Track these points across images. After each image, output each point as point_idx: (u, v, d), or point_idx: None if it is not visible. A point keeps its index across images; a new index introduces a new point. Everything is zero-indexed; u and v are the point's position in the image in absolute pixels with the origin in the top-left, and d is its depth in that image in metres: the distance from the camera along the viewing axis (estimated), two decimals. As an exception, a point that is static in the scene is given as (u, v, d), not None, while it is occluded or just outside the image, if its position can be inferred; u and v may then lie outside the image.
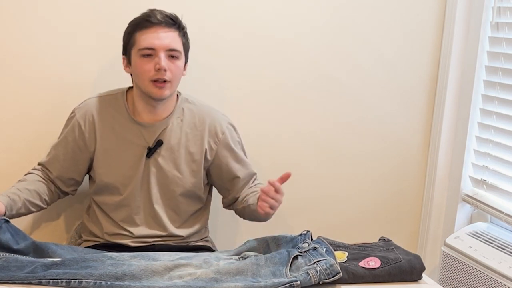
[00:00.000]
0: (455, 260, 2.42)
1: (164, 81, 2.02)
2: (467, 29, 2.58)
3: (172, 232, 2.15)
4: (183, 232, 2.17)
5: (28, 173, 2.17)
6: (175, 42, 2.04)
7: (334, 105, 2.59)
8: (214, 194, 2.30)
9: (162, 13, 2.05)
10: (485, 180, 2.56)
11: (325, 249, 1.76)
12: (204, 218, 2.25)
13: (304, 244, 1.80)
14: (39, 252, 1.79)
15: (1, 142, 2.32)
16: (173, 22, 2.05)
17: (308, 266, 1.69)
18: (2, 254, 1.72)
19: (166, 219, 2.14)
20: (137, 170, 2.11)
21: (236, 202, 2.25)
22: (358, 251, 1.84)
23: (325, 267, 1.67)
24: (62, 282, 1.62)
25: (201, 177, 2.18)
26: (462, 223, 2.65)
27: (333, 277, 1.67)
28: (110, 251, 1.92)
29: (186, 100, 2.17)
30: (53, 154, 2.17)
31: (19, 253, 1.75)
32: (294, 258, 1.74)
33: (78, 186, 2.23)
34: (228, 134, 2.19)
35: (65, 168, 2.15)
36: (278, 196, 1.97)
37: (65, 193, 2.21)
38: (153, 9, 2.07)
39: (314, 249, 1.76)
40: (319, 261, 1.70)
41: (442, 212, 2.72)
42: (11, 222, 1.83)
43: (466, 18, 2.57)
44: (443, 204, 2.71)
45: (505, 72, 2.47)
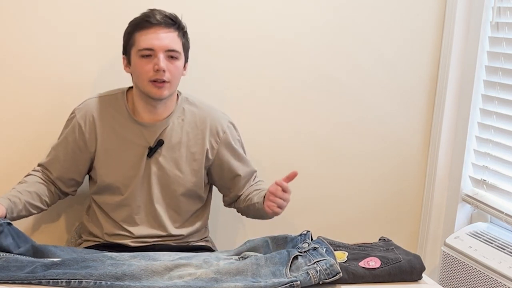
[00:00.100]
0: (455, 260, 2.42)
1: (163, 81, 2.02)
2: (467, 29, 2.58)
3: (172, 231, 2.15)
4: (184, 231, 2.17)
5: (28, 174, 2.16)
6: (174, 43, 2.04)
7: (334, 105, 2.59)
8: (214, 193, 2.30)
9: (161, 13, 2.05)
10: (485, 180, 2.56)
11: (325, 249, 1.76)
12: (204, 216, 2.25)
13: (304, 244, 1.80)
14: (39, 255, 1.79)
15: (1, 142, 2.32)
16: (172, 22, 2.05)
17: (308, 266, 1.69)
18: (2, 254, 1.72)
19: (166, 219, 2.14)
20: (138, 170, 2.11)
21: (238, 200, 2.26)
22: (358, 251, 1.84)
23: (325, 267, 1.67)
24: (62, 282, 1.62)
25: (202, 176, 2.18)
26: (462, 223, 2.65)
27: (333, 277, 1.67)
28: (110, 251, 1.92)
29: (186, 99, 2.17)
30: (53, 155, 2.16)
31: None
32: (294, 258, 1.74)
33: (79, 187, 2.22)
34: (229, 133, 2.19)
35: (65, 168, 2.15)
36: (286, 195, 1.98)
37: (65, 193, 2.21)
38: (153, 9, 2.07)
39: (314, 249, 1.76)
40: (319, 261, 1.70)
41: (442, 212, 2.72)
42: (13, 224, 1.82)
43: (466, 18, 2.57)
44: (443, 204, 2.71)
45: (505, 72, 2.47)
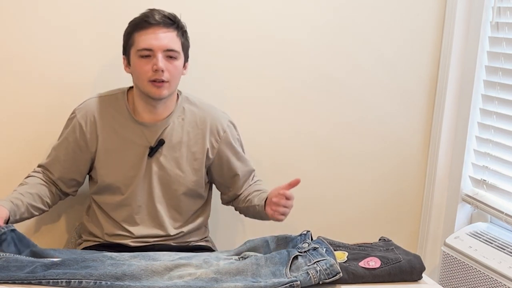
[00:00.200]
0: (455, 260, 2.42)
1: (162, 81, 2.02)
2: (467, 29, 2.58)
3: (173, 231, 2.15)
4: (185, 228, 2.17)
5: (28, 175, 2.15)
6: (173, 42, 2.04)
7: (334, 105, 2.59)
8: (214, 191, 2.30)
9: (160, 13, 2.05)
10: (485, 180, 2.56)
11: (325, 249, 1.76)
12: (205, 214, 2.25)
13: (304, 244, 1.80)
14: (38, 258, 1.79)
15: (1, 142, 2.31)
16: (171, 22, 2.04)
17: (308, 266, 1.69)
18: (2, 254, 1.71)
19: (167, 218, 2.14)
20: (139, 169, 2.11)
21: (237, 199, 2.26)
22: (358, 251, 1.84)
23: (325, 267, 1.67)
24: (62, 282, 1.62)
25: (202, 175, 2.18)
26: (462, 223, 2.65)
27: (333, 277, 1.67)
28: (110, 251, 1.92)
29: (186, 99, 2.17)
30: (54, 155, 2.16)
31: None
32: (294, 258, 1.74)
33: (79, 187, 2.22)
34: (229, 132, 2.20)
35: (66, 169, 2.15)
36: (290, 202, 1.99)
37: (66, 194, 2.21)
38: (152, 9, 2.07)
39: (314, 249, 1.76)
40: (319, 261, 1.70)
41: (442, 212, 2.72)
42: (17, 229, 1.81)
43: (466, 18, 2.57)
44: (443, 204, 2.71)
45: (505, 72, 2.47)
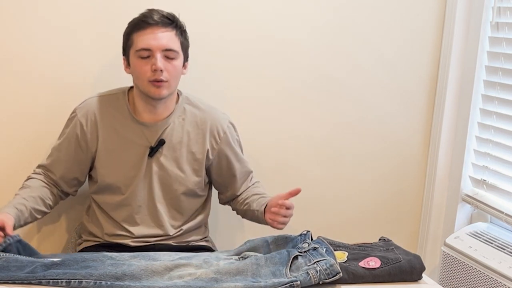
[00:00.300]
0: (455, 260, 2.42)
1: (161, 80, 2.02)
2: (467, 29, 2.58)
3: (173, 230, 2.15)
4: (184, 226, 2.17)
5: (29, 178, 2.15)
6: (172, 42, 2.04)
7: (334, 105, 2.59)
8: (214, 191, 2.30)
9: (159, 13, 2.05)
10: (485, 180, 2.56)
11: (325, 249, 1.76)
12: (205, 212, 2.25)
13: (304, 244, 1.80)
14: None
15: (1, 142, 2.31)
16: (169, 22, 2.04)
17: (308, 266, 1.69)
18: (2, 254, 1.72)
19: (168, 218, 2.14)
20: (139, 169, 2.11)
21: (235, 200, 2.26)
22: (358, 251, 1.84)
23: (325, 267, 1.67)
24: (62, 282, 1.62)
25: (202, 175, 2.18)
26: (462, 223, 2.65)
27: (333, 277, 1.67)
28: (110, 251, 1.92)
29: (187, 99, 2.17)
30: (55, 156, 2.16)
31: None
32: (294, 258, 1.74)
33: (80, 186, 2.22)
34: (228, 134, 2.20)
35: (67, 168, 2.15)
36: (290, 211, 1.99)
37: (67, 194, 2.21)
38: (151, 9, 2.07)
39: (314, 249, 1.76)
40: (319, 261, 1.70)
41: (442, 212, 2.72)
42: (22, 238, 1.81)
43: (466, 18, 2.57)
44: (443, 204, 2.71)
45: (505, 72, 2.47)
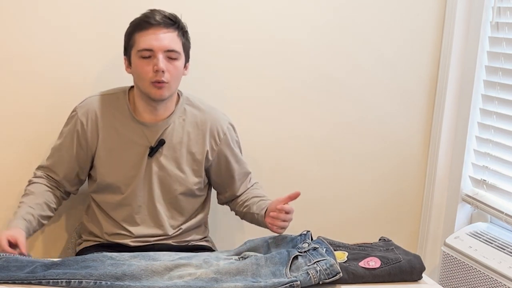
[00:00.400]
0: (455, 260, 2.42)
1: (162, 82, 2.02)
2: (467, 29, 2.58)
3: (172, 230, 2.15)
4: (184, 225, 2.17)
5: (31, 182, 2.13)
6: (174, 43, 2.03)
7: (334, 105, 2.59)
8: (213, 190, 2.30)
9: (161, 13, 2.04)
10: (485, 180, 2.56)
11: (325, 249, 1.76)
12: (205, 211, 2.25)
13: (304, 244, 1.80)
14: None
15: (1, 142, 2.31)
16: (171, 22, 2.04)
17: (308, 266, 1.70)
18: (2, 254, 1.72)
19: (167, 218, 2.14)
20: (139, 169, 2.11)
21: (234, 201, 2.27)
22: (358, 251, 1.84)
23: (325, 267, 1.67)
24: (62, 282, 1.62)
25: (202, 176, 2.18)
26: (462, 223, 2.65)
27: (333, 277, 1.67)
28: (110, 251, 1.92)
29: (187, 99, 2.17)
30: (57, 156, 2.15)
31: None
32: (294, 258, 1.74)
33: (81, 185, 2.22)
34: (228, 135, 2.20)
35: (70, 168, 2.14)
36: (289, 216, 1.98)
37: (69, 194, 2.21)
38: (153, 9, 2.06)
39: (314, 249, 1.76)
40: (319, 261, 1.70)
41: (442, 212, 2.72)
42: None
43: (466, 18, 2.57)
44: (443, 204, 2.71)
45: (505, 72, 2.47)
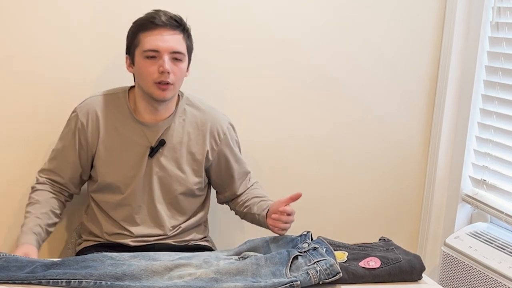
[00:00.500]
0: (455, 260, 2.42)
1: (167, 83, 2.02)
2: (467, 29, 2.58)
3: (172, 229, 2.15)
4: (183, 224, 2.17)
5: (35, 189, 2.13)
6: (180, 45, 2.04)
7: (334, 105, 2.59)
8: (213, 189, 2.30)
9: (166, 14, 2.04)
10: (485, 180, 2.56)
11: (325, 249, 1.76)
12: (204, 210, 2.25)
13: (304, 244, 1.80)
14: None
15: (1, 142, 2.31)
16: (177, 24, 2.04)
17: (308, 266, 1.70)
18: (2, 254, 1.72)
19: (168, 218, 2.14)
20: (139, 169, 2.11)
21: (234, 201, 2.27)
22: (358, 251, 1.84)
23: (325, 267, 1.67)
24: (62, 282, 1.62)
25: (202, 176, 2.18)
26: (462, 223, 2.65)
27: (333, 277, 1.67)
28: (110, 251, 1.92)
29: (187, 99, 2.17)
30: (60, 158, 2.14)
31: None
32: (294, 258, 1.74)
33: (83, 185, 2.22)
34: (228, 135, 2.20)
35: (74, 169, 2.14)
36: (290, 218, 1.98)
37: (72, 196, 2.21)
38: (158, 10, 2.06)
39: (314, 249, 1.76)
40: (319, 261, 1.70)
41: (442, 212, 2.72)
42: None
43: (466, 18, 2.57)
44: (443, 204, 2.71)
45: (505, 72, 2.47)
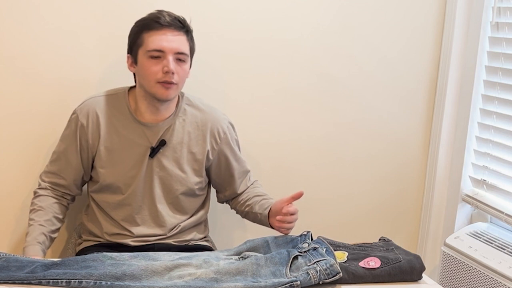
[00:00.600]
0: (455, 260, 2.42)
1: (171, 83, 2.02)
2: (467, 29, 2.58)
3: (173, 230, 2.15)
4: (183, 223, 2.17)
5: (37, 195, 2.13)
6: (184, 46, 2.04)
7: (335, 105, 2.59)
8: (213, 189, 2.30)
9: (170, 15, 2.04)
10: (485, 180, 2.56)
11: (325, 249, 1.76)
12: (204, 209, 2.25)
13: (304, 244, 1.80)
14: None
15: (1, 142, 2.31)
16: (181, 25, 2.05)
17: (308, 266, 1.70)
18: (2, 254, 1.72)
19: (168, 218, 2.14)
20: (139, 169, 2.11)
21: (235, 200, 2.27)
22: (358, 251, 1.84)
23: (325, 267, 1.67)
24: (62, 282, 1.62)
25: (203, 176, 2.18)
26: (462, 223, 2.65)
27: (333, 277, 1.67)
28: (110, 251, 1.92)
29: (187, 99, 2.17)
30: (63, 160, 2.14)
31: None
32: (294, 258, 1.74)
33: (84, 185, 2.23)
34: (228, 134, 2.20)
35: (77, 171, 2.14)
36: (294, 217, 1.99)
37: (74, 198, 2.21)
38: (161, 10, 2.06)
39: (314, 249, 1.76)
40: (319, 261, 1.70)
41: (442, 212, 2.72)
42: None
43: (466, 18, 2.57)
44: (443, 204, 2.71)
45: (505, 72, 2.47)
